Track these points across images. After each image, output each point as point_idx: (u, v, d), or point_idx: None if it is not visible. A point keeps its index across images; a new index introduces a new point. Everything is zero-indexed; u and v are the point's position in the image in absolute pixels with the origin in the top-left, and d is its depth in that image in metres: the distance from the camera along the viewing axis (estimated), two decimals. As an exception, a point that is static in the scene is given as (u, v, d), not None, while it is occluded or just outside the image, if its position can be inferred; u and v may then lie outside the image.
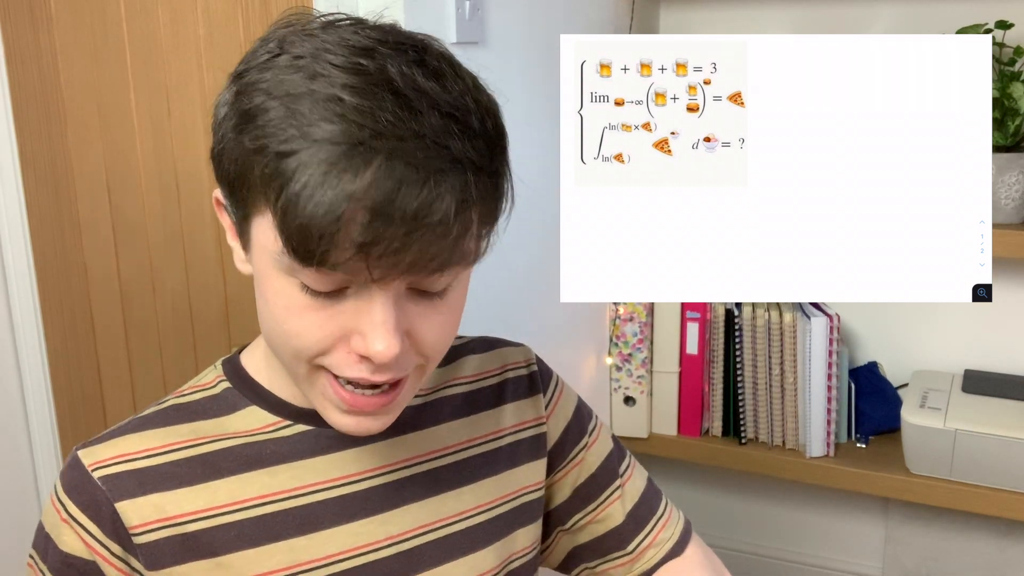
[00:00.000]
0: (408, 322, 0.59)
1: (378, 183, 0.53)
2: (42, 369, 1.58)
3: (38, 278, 1.55)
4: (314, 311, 0.58)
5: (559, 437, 0.79)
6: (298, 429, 0.68)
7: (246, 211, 0.59)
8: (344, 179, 0.52)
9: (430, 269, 0.56)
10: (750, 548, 1.88)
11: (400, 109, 0.54)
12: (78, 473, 0.66)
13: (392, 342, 0.57)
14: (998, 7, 1.45)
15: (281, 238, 0.55)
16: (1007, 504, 1.42)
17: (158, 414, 0.69)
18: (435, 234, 0.54)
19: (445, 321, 0.62)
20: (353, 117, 0.53)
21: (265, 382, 0.70)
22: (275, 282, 0.59)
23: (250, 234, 0.60)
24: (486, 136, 0.58)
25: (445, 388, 0.75)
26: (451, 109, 0.56)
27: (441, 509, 0.71)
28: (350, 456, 0.69)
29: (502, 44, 1.26)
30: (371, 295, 0.57)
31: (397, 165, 0.53)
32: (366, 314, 0.57)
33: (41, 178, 1.50)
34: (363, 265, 0.54)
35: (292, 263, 0.55)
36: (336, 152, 0.53)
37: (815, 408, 1.54)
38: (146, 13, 1.33)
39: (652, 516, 0.81)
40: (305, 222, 0.53)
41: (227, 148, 0.59)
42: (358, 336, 0.58)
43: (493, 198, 0.59)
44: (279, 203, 0.54)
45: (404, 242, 0.53)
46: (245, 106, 0.57)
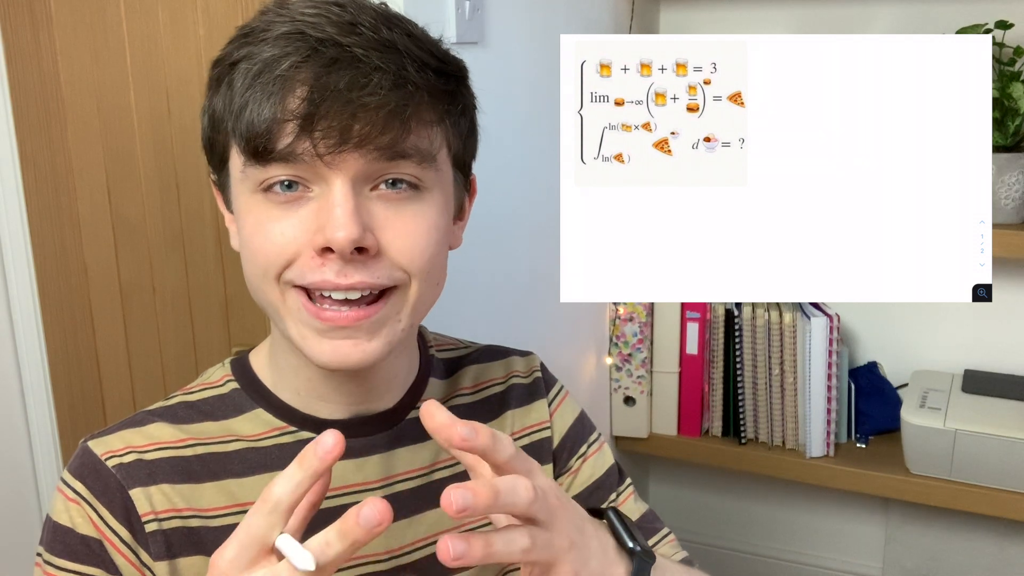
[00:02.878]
0: (371, 219, 0.60)
1: (311, 67, 0.57)
2: (42, 369, 1.58)
3: (38, 278, 1.55)
4: (278, 221, 0.60)
5: (561, 440, 0.79)
6: (301, 436, 0.68)
7: (222, 156, 0.63)
8: (281, 67, 0.57)
9: (379, 148, 0.58)
10: (750, 548, 1.88)
11: (352, 25, 0.58)
12: (90, 460, 0.65)
13: (351, 226, 0.58)
14: (998, 7, 1.45)
15: (238, 147, 0.59)
16: (1007, 504, 1.42)
17: (167, 410, 0.69)
18: (374, 109, 0.57)
19: (414, 230, 0.62)
20: (301, 22, 0.58)
21: (271, 384, 0.70)
22: (245, 205, 0.62)
23: (229, 184, 0.63)
24: (441, 68, 0.62)
25: (449, 400, 0.75)
26: (410, 40, 0.60)
27: (440, 522, 0.71)
28: (352, 467, 0.68)
29: (502, 44, 1.26)
30: (330, 189, 0.59)
31: (336, 49, 0.57)
32: (326, 209, 0.59)
33: (41, 178, 1.50)
34: (309, 146, 0.57)
35: (253, 171, 0.59)
36: (277, 44, 0.58)
37: (815, 408, 1.54)
38: (146, 13, 1.33)
39: (653, 535, 0.80)
40: (251, 117, 0.57)
41: (207, 119, 0.63)
42: (319, 234, 0.59)
43: (443, 93, 0.62)
44: (231, 109, 0.59)
45: (342, 113, 0.56)
46: (221, 74, 0.61)
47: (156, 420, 0.68)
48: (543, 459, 0.77)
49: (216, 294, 1.37)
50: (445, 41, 0.66)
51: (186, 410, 0.69)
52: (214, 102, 0.62)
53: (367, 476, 0.69)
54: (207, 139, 0.65)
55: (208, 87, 0.64)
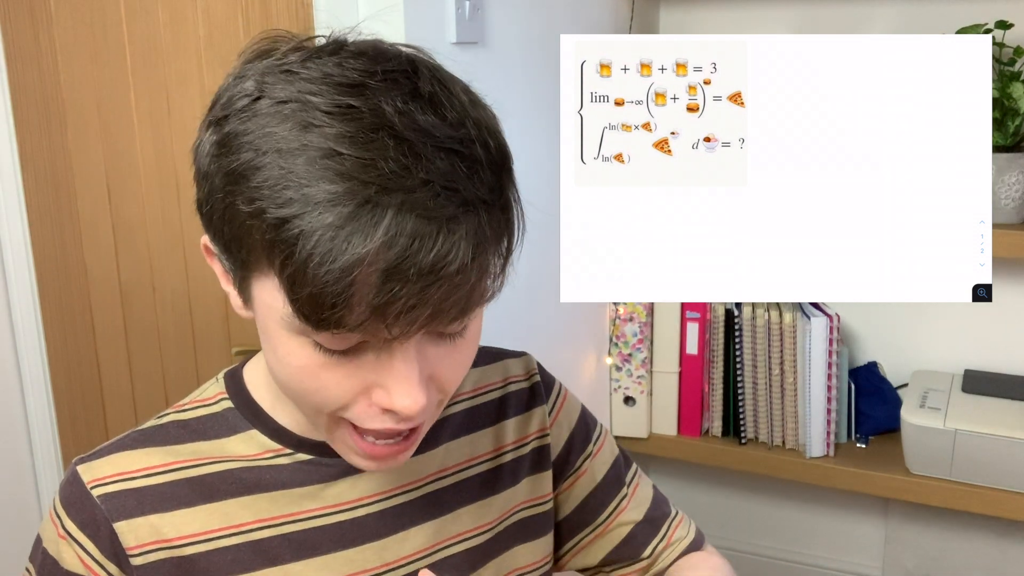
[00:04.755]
0: (430, 368, 0.57)
1: (390, 242, 0.49)
2: (42, 369, 1.58)
3: (38, 278, 1.55)
4: (331, 368, 0.55)
5: (563, 446, 0.78)
6: (298, 458, 0.67)
7: (246, 272, 0.56)
8: (354, 242, 0.49)
9: (450, 318, 0.53)
10: (750, 548, 1.88)
11: (403, 156, 0.50)
12: (77, 489, 0.65)
13: (418, 395, 0.55)
14: (998, 7, 1.45)
15: (290, 305, 0.52)
16: (1007, 504, 1.42)
17: (158, 430, 0.68)
18: (452, 284, 0.51)
19: (465, 358, 0.60)
20: (355, 173, 0.49)
21: (267, 406, 0.68)
22: (286, 341, 0.56)
23: (251, 291, 0.57)
24: (492, 165, 0.55)
25: (449, 406, 0.73)
26: (454, 144, 0.53)
27: (439, 533, 0.70)
28: (348, 484, 0.68)
29: (502, 44, 1.26)
30: (391, 349, 0.55)
31: (407, 219, 0.49)
32: (387, 368, 0.55)
33: (41, 178, 1.50)
34: (380, 325, 0.51)
35: (302, 326, 0.52)
36: (342, 214, 0.49)
37: (815, 408, 1.54)
38: (146, 13, 1.33)
39: (665, 519, 0.81)
40: (316, 291, 0.50)
41: (217, 207, 0.55)
42: (380, 390, 0.56)
43: (507, 232, 0.56)
44: (285, 272, 0.51)
45: (421, 298, 0.50)
46: (233, 163, 0.53)
47: (147, 443, 0.67)
48: (542, 466, 0.76)
49: (216, 294, 1.37)
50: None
51: (178, 430, 0.67)
52: (238, 206, 0.53)
53: (364, 492, 0.68)
54: (225, 236, 0.56)
55: (216, 161, 0.55)
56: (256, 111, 0.53)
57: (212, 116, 0.56)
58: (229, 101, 0.55)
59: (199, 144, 0.57)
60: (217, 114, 0.56)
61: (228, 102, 0.55)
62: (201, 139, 0.57)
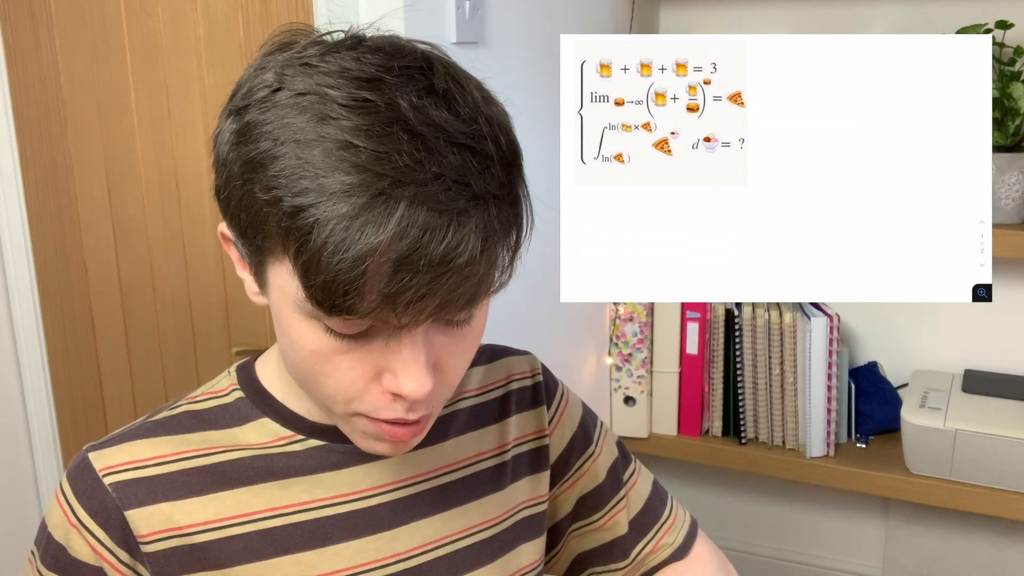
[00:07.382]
0: (436, 355, 0.59)
1: (402, 233, 0.51)
2: (42, 369, 1.59)
3: (38, 278, 1.55)
4: (342, 353, 0.57)
5: (564, 449, 0.79)
6: (310, 444, 0.68)
7: (261, 257, 0.58)
8: (367, 232, 0.50)
9: (458, 308, 0.55)
10: (750, 548, 1.88)
11: (417, 150, 0.52)
12: (88, 476, 0.65)
13: (424, 380, 0.56)
14: (998, 7, 1.45)
15: (303, 290, 0.53)
16: (1007, 504, 1.42)
17: (171, 420, 0.68)
18: (462, 275, 0.53)
19: (470, 347, 0.62)
20: (370, 165, 0.51)
21: (279, 395, 0.69)
22: (298, 325, 0.57)
23: (266, 276, 0.59)
24: (503, 160, 0.56)
25: (453, 403, 0.74)
26: (467, 140, 0.54)
27: (448, 526, 0.71)
28: (360, 472, 0.68)
29: (502, 44, 1.26)
30: (400, 336, 0.56)
31: (419, 211, 0.51)
32: (396, 354, 0.57)
33: (41, 178, 1.50)
34: (390, 313, 0.53)
35: (316, 310, 0.54)
36: (356, 204, 0.51)
37: (815, 408, 1.54)
38: (146, 13, 1.33)
39: (655, 523, 0.81)
40: (329, 278, 0.51)
41: (235, 194, 0.56)
42: (389, 375, 0.57)
43: (516, 226, 0.58)
44: (300, 259, 0.52)
45: (430, 288, 0.52)
46: (251, 152, 0.54)
47: (160, 431, 0.67)
48: (540, 466, 0.77)
49: (216, 294, 1.37)
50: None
51: (190, 419, 0.68)
52: (256, 193, 0.54)
53: (376, 481, 0.69)
54: (241, 223, 0.58)
55: (235, 149, 0.56)
56: (275, 102, 0.54)
57: (232, 105, 0.57)
58: (249, 91, 0.56)
59: (219, 132, 0.58)
60: (237, 104, 0.57)
61: (248, 92, 0.56)
62: (221, 127, 0.58)
